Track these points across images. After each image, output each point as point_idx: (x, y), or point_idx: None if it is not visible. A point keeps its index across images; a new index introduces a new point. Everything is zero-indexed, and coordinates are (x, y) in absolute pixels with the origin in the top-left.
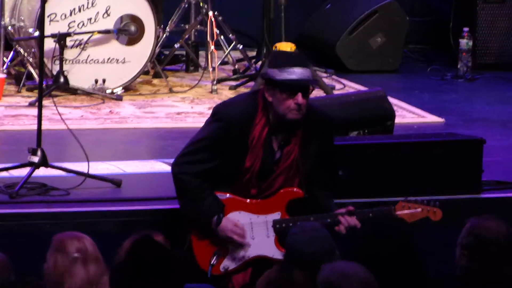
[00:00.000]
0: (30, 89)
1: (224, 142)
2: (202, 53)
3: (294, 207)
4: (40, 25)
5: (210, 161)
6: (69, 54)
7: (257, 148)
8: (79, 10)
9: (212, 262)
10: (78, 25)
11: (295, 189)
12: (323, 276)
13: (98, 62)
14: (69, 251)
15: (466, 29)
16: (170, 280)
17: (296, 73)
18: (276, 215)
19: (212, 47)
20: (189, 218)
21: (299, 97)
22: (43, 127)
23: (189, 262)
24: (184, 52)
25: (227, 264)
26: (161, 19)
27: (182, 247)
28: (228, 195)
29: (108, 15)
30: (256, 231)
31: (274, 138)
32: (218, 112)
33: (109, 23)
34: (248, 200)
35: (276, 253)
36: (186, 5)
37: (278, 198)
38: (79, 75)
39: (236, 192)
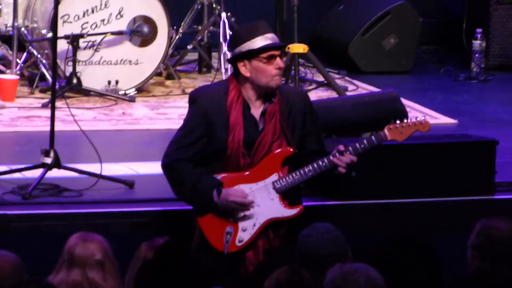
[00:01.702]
0: (43, 91)
1: (205, 121)
2: (214, 54)
3: (289, 165)
4: (53, 26)
5: (196, 143)
6: (82, 55)
7: (236, 116)
8: (92, 12)
9: (226, 240)
10: (91, 26)
11: (285, 148)
12: (330, 277)
13: (111, 63)
14: (63, 252)
15: (479, 30)
16: (196, 284)
17: (269, 38)
18: (274, 177)
19: (225, 48)
20: (191, 203)
21: (279, 61)
22: (56, 128)
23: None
24: (196, 53)
25: (242, 236)
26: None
27: (193, 237)
28: (222, 175)
29: (121, 16)
30: (259, 198)
31: (253, 108)
32: (192, 96)
33: (122, 25)
34: (243, 172)
35: (284, 212)
36: (199, 6)
37: (271, 160)
38: (92, 77)
39: (228, 170)
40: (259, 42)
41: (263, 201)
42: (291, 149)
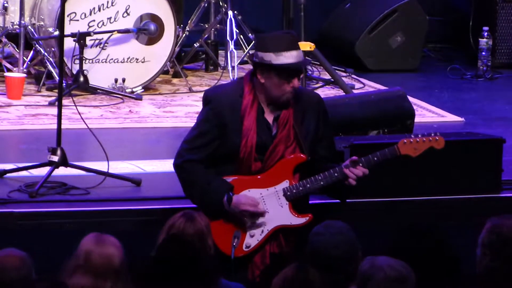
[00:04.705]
0: (50, 89)
1: (218, 123)
2: (221, 52)
3: (301, 171)
4: (60, 24)
5: (209, 144)
6: (89, 53)
7: (250, 121)
8: (99, 10)
9: (234, 244)
10: (98, 24)
11: (297, 154)
12: (362, 269)
13: (117, 61)
14: (77, 254)
15: (486, 28)
16: (201, 278)
17: (293, 56)
18: (285, 184)
19: (232, 46)
20: (201, 206)
21: (296, 81)
22: (63, 126)
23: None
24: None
25: (249, 242)
26: (181, 19)
27: None
28: (233, 177)
29: (128, 14)
30: (268, 204)
31: (267, 112)
32: (207, 96)
33: (128, 23)
34: (254, 176)
35: (293, 220)
36: (206, 4)
37: (283, 167)
38: (99, 75)
39: (240, 173)
40: (282, 58)
41: (272, 207)
42: (304, 156)
